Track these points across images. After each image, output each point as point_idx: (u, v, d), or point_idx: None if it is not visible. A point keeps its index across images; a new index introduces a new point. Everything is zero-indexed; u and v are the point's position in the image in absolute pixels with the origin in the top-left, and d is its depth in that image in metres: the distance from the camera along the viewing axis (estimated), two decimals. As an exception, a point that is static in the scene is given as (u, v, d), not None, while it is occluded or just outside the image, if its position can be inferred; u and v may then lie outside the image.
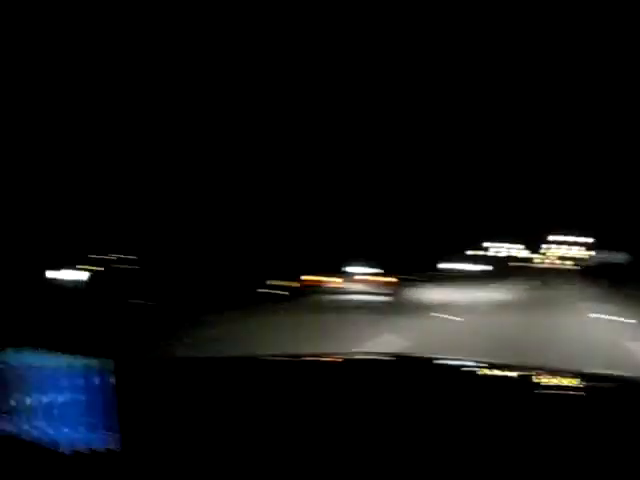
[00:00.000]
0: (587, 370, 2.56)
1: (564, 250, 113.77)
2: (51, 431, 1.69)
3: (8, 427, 1.75)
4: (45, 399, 1.70)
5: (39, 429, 1.70)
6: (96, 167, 29.19)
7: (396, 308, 19.66)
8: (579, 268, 79.38)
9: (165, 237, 28.24)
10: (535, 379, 2.49)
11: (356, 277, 22.79)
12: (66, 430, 1.66)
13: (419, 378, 2.34)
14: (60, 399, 1.65)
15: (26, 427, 1.72)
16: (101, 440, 1.57)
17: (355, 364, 2.75)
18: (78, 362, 1.63)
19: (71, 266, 25.01)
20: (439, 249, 41.90)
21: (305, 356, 2.95)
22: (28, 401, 1.72)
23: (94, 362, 1.61)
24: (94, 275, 25.01)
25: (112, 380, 1.57)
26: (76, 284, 23.96)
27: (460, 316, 17.03)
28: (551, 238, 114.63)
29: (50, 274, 24.33)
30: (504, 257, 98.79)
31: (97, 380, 1.59)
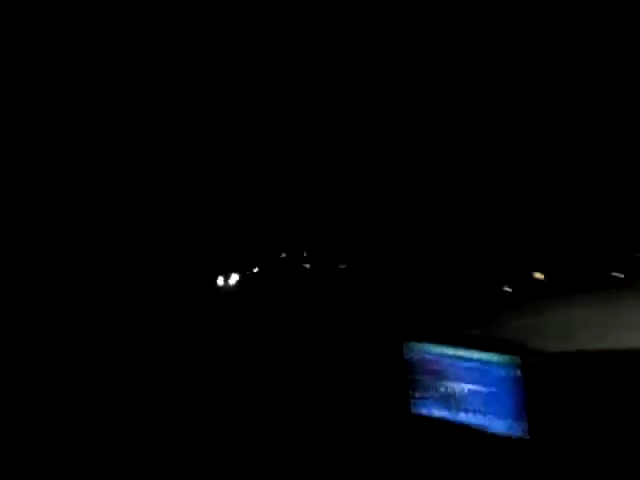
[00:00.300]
0: None
1: None
2: (470, 416, 2.19)
3: (436, 411, 2.34)
4: (466, 388, 2.20)
5: (463, 414, 2.22)
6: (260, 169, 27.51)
7: None
8: None
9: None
10: None
11: None
12: (480, 416, 2.14)
13: None
14: (478, 389, 2.16)
15: (453, 411, 2.28)
16: (510, 428, 2.00)
17: None
18: (492, 357, 2.10)
19: (230, 270, 24.60)
20: None
21: None
22: (454, 389, 2.24)
23: (505, 358, 2.06)
24: (244, 277, 24.40)
25: (519, 373, 2.03)
26: (229, 289, 23.73)
27: None
28: None
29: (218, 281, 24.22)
30: None
31: (507, 373, 2.05)
